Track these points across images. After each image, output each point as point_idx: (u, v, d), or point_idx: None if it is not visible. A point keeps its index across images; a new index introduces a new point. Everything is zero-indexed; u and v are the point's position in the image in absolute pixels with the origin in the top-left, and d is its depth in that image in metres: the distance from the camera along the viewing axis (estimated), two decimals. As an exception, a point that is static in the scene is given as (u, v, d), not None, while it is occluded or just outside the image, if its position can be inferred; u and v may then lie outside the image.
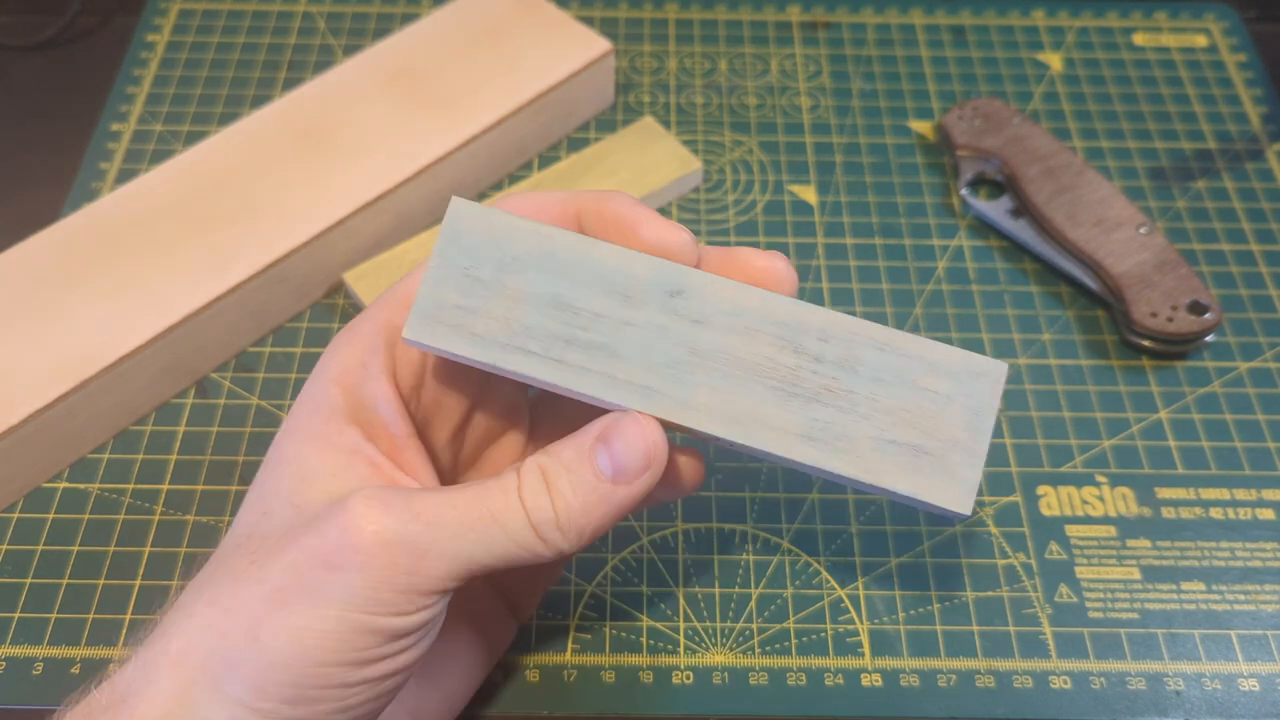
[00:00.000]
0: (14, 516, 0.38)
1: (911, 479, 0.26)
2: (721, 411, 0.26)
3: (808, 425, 0.26)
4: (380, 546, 0.24)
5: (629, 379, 0.26)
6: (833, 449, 0.26)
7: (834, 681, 0.35)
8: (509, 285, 0.26)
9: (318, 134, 0.45)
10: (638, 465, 0.25)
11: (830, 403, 0.26)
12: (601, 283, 0.26)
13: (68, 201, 0.46)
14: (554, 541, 0.25)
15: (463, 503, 0.25)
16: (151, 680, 0.24)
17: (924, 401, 0.26)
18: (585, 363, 0.26)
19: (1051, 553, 0.38)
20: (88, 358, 0.38)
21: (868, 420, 0.26)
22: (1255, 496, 0.39)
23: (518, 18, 0.49)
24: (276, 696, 0.23)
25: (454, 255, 0.26)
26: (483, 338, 0.26)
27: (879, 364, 0.26)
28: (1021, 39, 0.55)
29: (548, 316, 0.26)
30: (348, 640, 0.24)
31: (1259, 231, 0.47)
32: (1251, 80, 0.53)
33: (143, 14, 0.54)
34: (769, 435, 0.26)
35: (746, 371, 0.26)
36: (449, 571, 0.24)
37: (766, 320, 0.26)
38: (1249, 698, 0.35)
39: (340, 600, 0.23)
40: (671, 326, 0.26)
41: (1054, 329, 0.44)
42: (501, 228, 0.26)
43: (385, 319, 0.27)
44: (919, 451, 0.26)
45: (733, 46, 0.54)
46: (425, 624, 0.25)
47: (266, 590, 0.24)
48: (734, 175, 0.49)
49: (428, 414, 0.29)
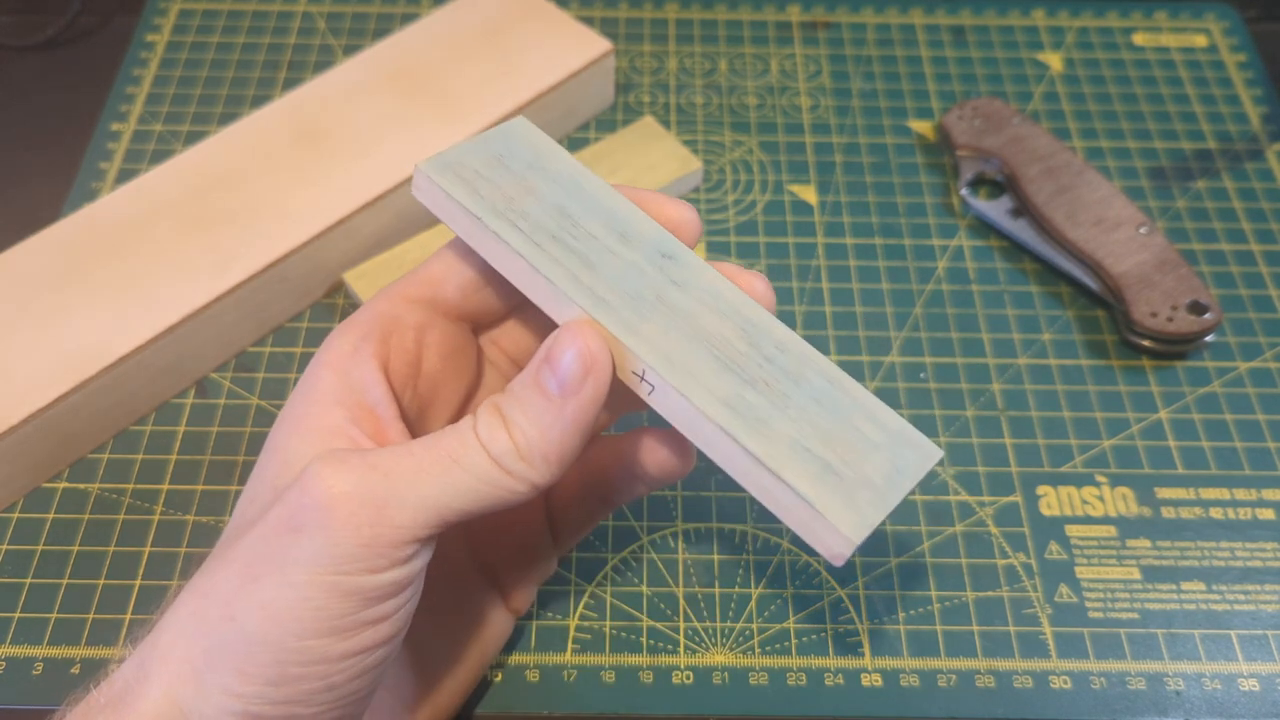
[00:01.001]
0: (14, 516, 0.38)
1: (812, 484, 0.24)
2: (662, 349, 0.26)
3: (735, 398, 0.25)
4: (338, 500, 0.23)
5: (592, 287, 0.26)
6: (748, 425, 0.25)
7: (834, 681, 0.35)
8: (529, 181, 0.28)
9: (318, 134, 0.45)
10: (579, 372, 0.25)
11: (764, 393, 0.26)
12: (608, 218, 0.28)
13: (68, 201, 0.46)
14: (520, 472, 0.25)
15: (419, 449, 0.24)
16: (146, 677, 0.24)
17: (852, 436, 0.26)
18: (560, 258, 0.26)
19: (1051, 553, 0.38)
20: (88, 358, 0.38)
21: (793, 423, 0.25)
22: (1255, 496, 0.39)
23: (518, 18, 0.49)
24: (259, 679, 0.23)
25: (495, 143, 0.28)
26: (483, 199, 0.27)
27: (822, 390, 0.26)
28: (1021, 39, 0.55)
29: (548, 215, 0.27)
30: (322, 606, 0.23)
31: (1259, 231, 0.47)
32: (1251, 80, 0.53)
33: (143, 14, 0.54)
34: (694, 387, 0.25)
35: (700, 336, 0.26)
36: (415, 520, 0.24)
37: (736, 313, 0.27)
38: (1249, 698, 0.35)
39: (307, 563, 0.23)
40: (651, 274, 0.27)
41: (1054, 329, 0.44)
42: (546, 148, 0.29)
43: (383, 309, 0.27)
44: (830, 469, 0.25)
45: (733, 46, 0.54)
46: (399, 584, 0.24)
47: (237, 567, 0.24)
48: (734, 175, 0.49)
49: (424, 403, 0.29)
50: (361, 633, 0.24)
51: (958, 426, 0.41)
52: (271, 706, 0.23)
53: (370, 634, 0.24)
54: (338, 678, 0.24)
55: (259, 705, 0.23)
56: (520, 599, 0.34)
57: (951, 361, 0.43)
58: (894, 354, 0.43)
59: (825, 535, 0.24)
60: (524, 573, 0.33)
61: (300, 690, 0.23)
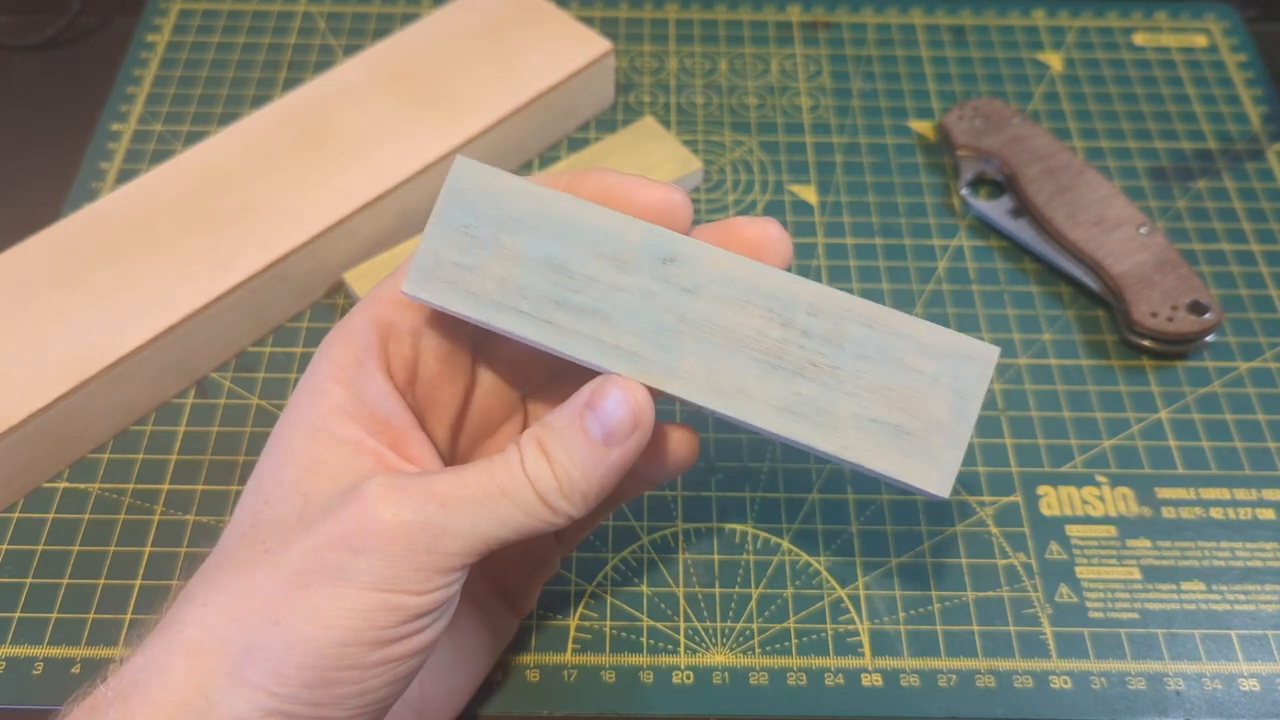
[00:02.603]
0: (14, 516, 0.38)
1: (890, 458, 0.26)
2: (706, 381, 0.26)
3: (790, 399, 0.26)
4: (399, 528, 0.24)
5: (617, 344, 0.26)
6: (813, 423, 0.26)
7: (834, 681, 0.35)
8: (506, 244, 0.27)
9: (318, 134, 0.45)
10: (626, 427, 0.26)
11: (814, 378, 0.26)
12: (596, 247, 0.26)
13: (68, 201, 0.46)
14: (561, 508, 0.26)
15: (472, 480, 0.25)
16: (164, 670, 0.24)
17: (909, 381, 0.26)
18: (575, 325, 0.26)
19: (1051, 553, 0.38)
20: (88, 358, 0.38)
21: (851, 397, 0.26)
22: (1255, 496, 0.39)
23: (518, 18, 0.49)
24: (296, 680, 0.24)
25: (455, 212, 0.27)
26: (478, 296, 0.26)
27: (866, 341, 0.26)
28: (1021, 39, 0.55)
29: (542, 278, 0.26)
30: (369, 618, 0.24)
31: (1259, 231, 0.47)
32: (1251, 80, 0.53)
33: (143, 14, 0.54)
34: (751, 406, 0.26)
35: (733, 342, 0.26)
36: (466, 548, 0.25)
37: (756, 291, 0.26)
38: (1249, 698, 0.35)
39: (361, 581, 0.24)
40: (661, 293, 0.26)
41: (1054, 329, 0.44)
42: (502, 188, 0.27)
43: (375, 314, 0.28)
44: (900, 431, 0.26)
45: (733, 46, 0.54)
46: (443, 603, 0.25)
47: (285, 574, 0.24)
48: (734, 175, 0.49)
49: (422, 408, 0.29)
50: (400, 643, 0.25)
51: (958, 426, 0.41)
52: (304, 707, 0.24)
53: (407, 644, 0.25)
54: (371, 683, 0.25)
55: (292, 705, 0.24)
56: (523, 600, 0.34)
57: (951, 361, 0.43)
58: (894, 354, 0.43)
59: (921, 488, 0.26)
60: (527, 574, 0.33)
61: (334, 694, 0.24)
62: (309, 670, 0.24)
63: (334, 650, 0.24)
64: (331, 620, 0.24)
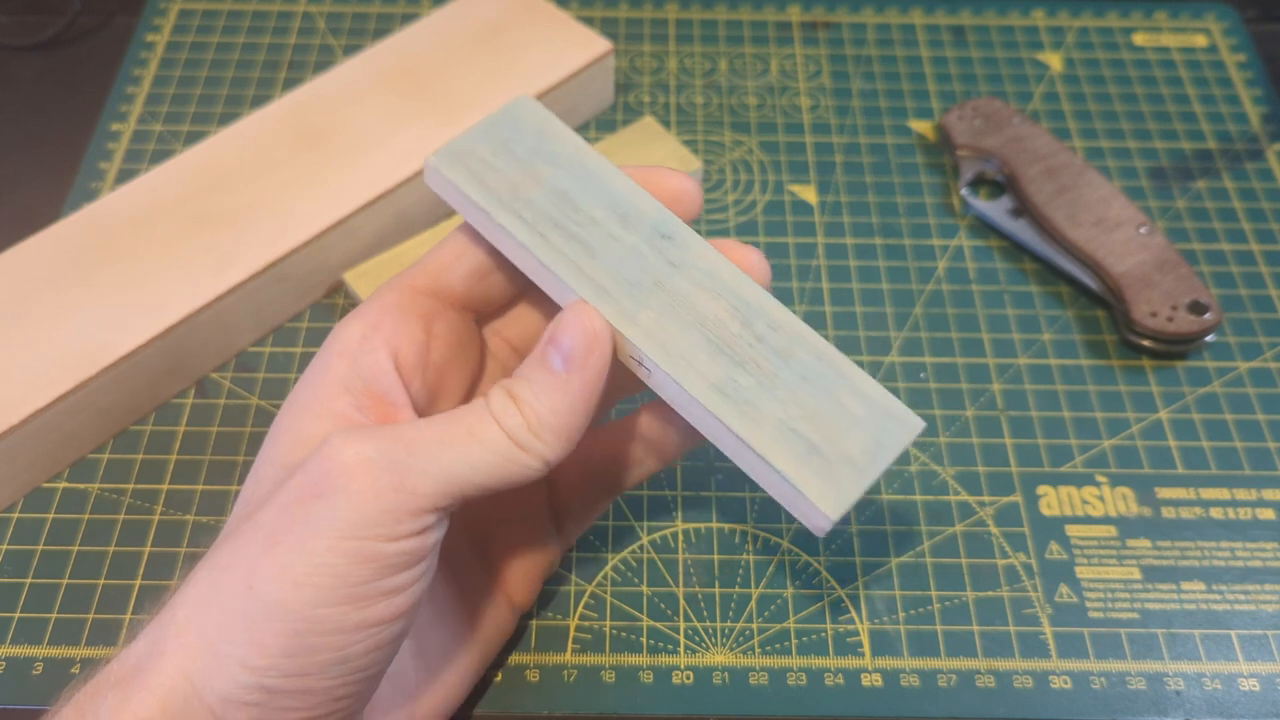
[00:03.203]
0: (14, 516, 0.38)
1: (795, 466, 0.26)
2: (657, 337, 0.27)
3: (726, 382, 0.27)
4: (362, 465, 0.24)
5: (592, 275, 0.27)
6: (738, 410, 0.27)
7: (834, 681, 0.35)
8: (534, 166, 0.29)
9: (318, 134, 0.45)
10: (582, 348, 0.26)
11: (754, 374, 0.27)
12: (609, 200, 0.29)
13: (68, 201, 0.46)
14: (532, 446, 0.26)
15: (439, 423, 0.25)
16: (160, 653, 0.24)
17: (837, 414, 0.27)
18: (562, 246, 0.28)
19: (1051, 553, 0.38)
20: (88, 358, 0.38)
21: (780, 404, 0.27)
22: (1255, 496, 0.39)
23: (518, 18, 0.49)
24: (275, 649, 0.23)
25: (502, 127, 0.29)
26: (490, 190, 0.28)
27: (811, 367, 0.27)
28: (1021, 39, 0.55)
29: (551, 202, 0.28)
30: (341, 573, 0.23)
31: (1259, 231, 0.47)
32: (1251, 80, 0.53)
33: (143, 14, 0.54)
34: (689, 374, 0.27)
35: (694, 317, 0.27)
36: (435, 489, 0.24)
37: (732, 292, 0.28)
38: (1249, 698, 0.35)
39: (328, 528, 0.23)
40: (649, 257, 0.28)
41: (1054, 329, 0.44)
42: (552, 129, 0.30)
43: (391, 300, 0.28)
44: (814, 449, 0.26)
45: (733, 46, 0.54)
46: (416, 554, 0.25)
47: (259, 537, 0.24)
48: (734, 175, 0.49)
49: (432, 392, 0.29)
50: (378, 603, 0.24)
51: (958, 426, 0.41)
52: (285, 679, 0.24)
53: (385, 606, 0.24)
54: (352, 649, 0.24)
55: (273, 678, 0.23)
56: (524, 593, 0.34)
57: (951, 361, 0.43)
58: (894, 354, 0.43)
59: (807, 511, 0.26)
60: (528, 566, 0.33)
61: (315, 661, 0.24)
62: (287, 636, 0.23)
63: (309, 612, 0.23)
64: (302, 578, 0.23)
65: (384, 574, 0.24)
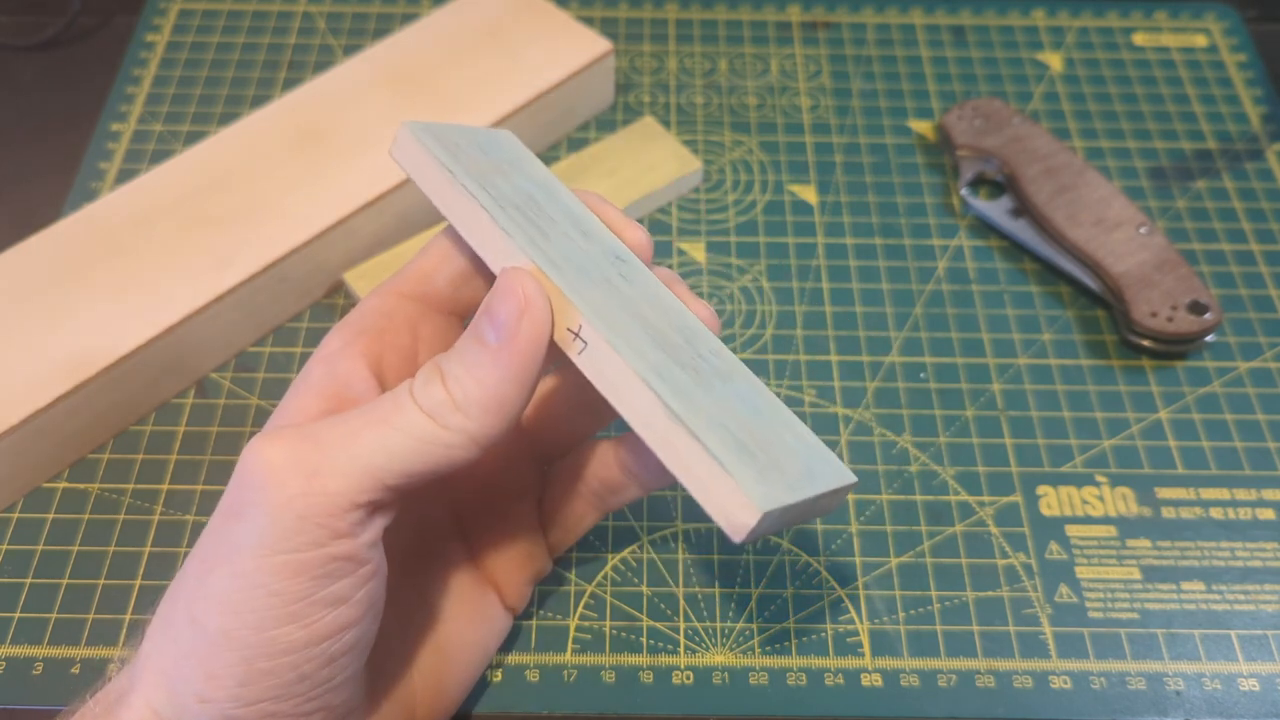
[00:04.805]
0: (14, 516, 0.38)
1: (727, 452, 0.24)
2: (602, 313, 0.25)
3: (665, 370, 0.25)
4: (269, 474, 0.23)
5: (545, 251, 0.26)
6: (674, 391, 0.24)
7: (834, 681, 0.35)
8: (504, 170, 0.29)
9: (318, 134, 0.45)
10: (513, 313, 0.24)
11: (692, 376, 0.26)
12: (572, 217, 0.29)
13: (68, 201, 0.46)
14: (456, 424, 0.24)
15: (354, 415, 0.24)
16: (132, 688, 0.24)
17: (771, 436, 0.26)
18: (522, 225, 0.27)
19: (1051, 553, 0.38)
20: (88, 358, 0.38)
21: (717, 407, 0.25)
22: (1255, 496, 0.39)
23: (518, 18, 0.49)
24: (228, 679, 0.23)
25: (480, 137, 0.30)
26: (460, 163, 0.27)
27: (748, 395, 0.26)
28: (1021, 39, 0.55)
29: (518, 194, 0.28)
30: (275, 591, 0.22)
31: (1259, 231, 0.47)
32: (1251, 80, 0.53)
33: (143, 14, 0.54)
34: (629, 348, 0.25)
35: (641, 320, 0.26)
36: (348, 485, 0.23)
37: (679, 316, 0.28)
38: (1249, 698, 0.35)
39: (251, 546, 0.22)
40: (604, 263, 0.28)
41: (1054, 329, 0.44)
42: (528, 158, 0.31)
43: (375, 306, 0.28)
44: (745, 449, 0.25)
45: (733, 46, 0.54)
46: (349, 559, 0.23)
47: (194, 565, 0.24)
48: (734, 175, 0.49)
49: None
50: (322, 617, 0.23)
51: (958, 426, 0.41)
52: (246, 708, 0.23)
53: (332, 618, 0.23)
54: (308, 666, 0.23)
55: (233, 708, 0.23)
56: (516, 596, 0.33)
57: (951, 361, 0.43)
58: (894, 354, 0.43)
59: (732, 503, 0.23)
60: (518, 570, 0.33)
61: (271, 686, 0.23)
62: (237, 665, 0.23)
63: (254, 637, 0.22)
64: (239, 603, 0.22)
65: (321, 584, 0.23)
